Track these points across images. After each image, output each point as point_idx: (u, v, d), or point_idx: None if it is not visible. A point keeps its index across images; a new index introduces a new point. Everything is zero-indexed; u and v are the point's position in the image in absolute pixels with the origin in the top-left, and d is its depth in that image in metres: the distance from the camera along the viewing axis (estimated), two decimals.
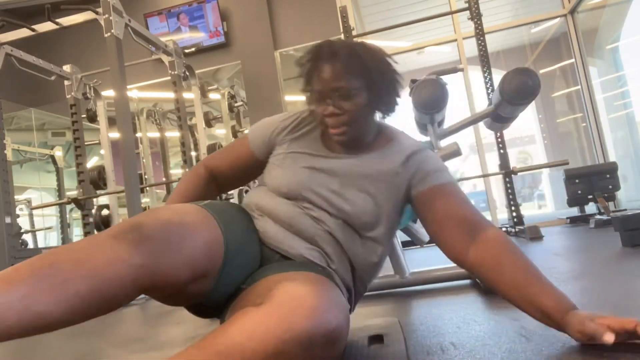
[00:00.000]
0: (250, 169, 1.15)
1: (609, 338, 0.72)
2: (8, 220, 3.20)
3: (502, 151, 3.78)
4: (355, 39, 4.08)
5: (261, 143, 1.11)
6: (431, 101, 2.35)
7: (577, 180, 4.04)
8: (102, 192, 4.02)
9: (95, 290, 0.68)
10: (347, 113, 0.97)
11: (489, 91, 3.77)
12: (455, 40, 5.01)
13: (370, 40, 6.82)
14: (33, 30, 3.34)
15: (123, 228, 0.77)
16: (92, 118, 4.27)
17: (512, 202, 3.77)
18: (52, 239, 6.06)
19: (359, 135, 1.01)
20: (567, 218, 4.35)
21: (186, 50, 5.21)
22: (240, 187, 2.85)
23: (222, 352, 0.71)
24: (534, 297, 0.84)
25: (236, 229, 0.95)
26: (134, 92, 5.60)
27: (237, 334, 0.72)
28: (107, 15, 3.01)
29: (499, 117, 2.82)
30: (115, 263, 0.71)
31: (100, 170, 4.02)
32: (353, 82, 0.96)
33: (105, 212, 3.96)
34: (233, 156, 1.15)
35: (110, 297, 0.71)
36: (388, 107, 1.03)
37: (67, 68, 3.97)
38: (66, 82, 3.98)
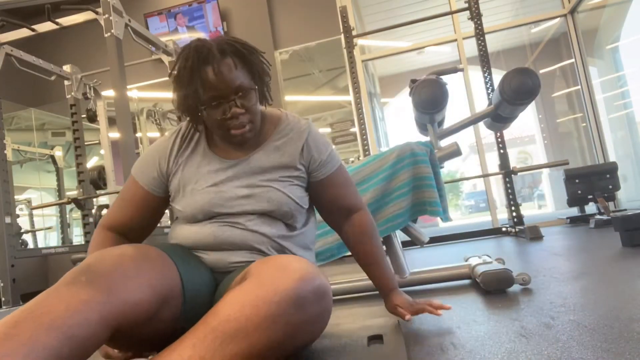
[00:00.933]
0: (155, 210, 1.09)
1: (408, 318, 1.06)
2: (8, 220, 3.20)
3: (502, 151, 3.78)
4: (355, 38, 4.08)
5: (153, 180, 1.06)
6: (431, 101, 2.35)
7: (577, 180, 4.04)
8: (102, 192, 4.02)
9: (63, 339, 0.65)
10: (248, 111, 0.97)
11: (489, 91, 3.77)
12: (455, 40, 5.01)
13: (370, 41, 6.78)
14: (33, 30, 3.34)
15: (74, 273, 0.76)
16: (92, 118, 4.26)
17: (512, 202, 3.77)
18: (52, 239, 6.06)
19: (257, 130, 1.04)
20: (567, 218, 4.34)
21: None
22: None
23: (217, 327, 0.72)
24: (373, 273, 1.15)
25: (181, 253, 0.97)
26: (134, 92, 5.60)
27: (229, 307, 0.74)
28: (107, 15, 3.01)
29: (499, 117, 2.82)
30: (76, 306, 0.69)
31: (100, 170, 4.02)
32: (247, 80, 0.97)
33: (105, 212, 3.96)
34: (131, 206, 1.06)
35: (82, 341, 0.67)
36: (269, 96, 1.06)
37: (67, 68, 3.97)
38: (66, 82, 3.98)
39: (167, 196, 1.08)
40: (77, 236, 5.92)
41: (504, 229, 3.92)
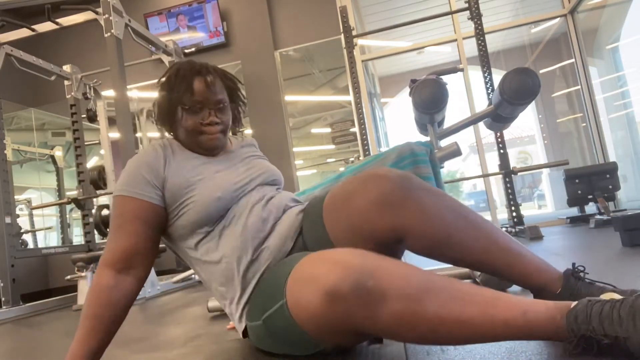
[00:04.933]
0: (157, 225, 1.04)
1: None
2: (8, 220, 3.20)
3: (502, 151, 3.78)
4: (355, 38, 4.08)
5: (150, 189, 1.02)
6: (431, 101, 2.36)
7: (577, 180, 4.04)
8: (102, 192, 4.02)
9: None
10: (222, 123, 1.11)
11: (489, 91, 3.77)
12: (455, 40, 5.01)
13: (370, 41, 6.75)
14: (33, 30, 3.34)
15: None
16: (92, 118, 4.26)
17: (512, 202, 3.77)
18: (52, 239, 6.06)
19: (224, 144, 1.17)
20: (567, 218, 4.34)
21: (186, 50, 5.21)
22: None
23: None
24: None
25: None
26: (134, 92, 5.60)
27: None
28: (107, 15, 3.01)
29: (499, 117, 2.82)
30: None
31: (100, 170, 4.02)
32: (226, 98, 1.13)
33: (105, 212, 3.96)
34: (131, 226, 1.00)
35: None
36: (241, 122, 1.24)
37: (67, 68, 3.97)
38: (66, 82, 3.98)
39: (165, 210, 1.04)
40: (77, 236, 5.92)
41: (504, 229, 3.92)
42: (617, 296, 0.73)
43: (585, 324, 0.66)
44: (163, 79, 1.11)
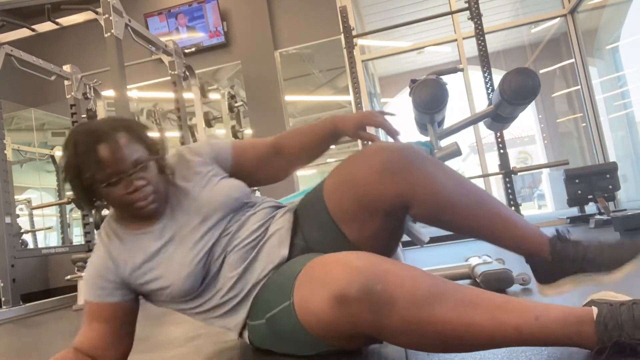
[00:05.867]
0: (132, 311, 1.04)
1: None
2: (8, 220, 3.20)
3: (502, 151, 3.78)
4: (355, 38, 4.08)
5: (113, 289, 0.99)
6: (431, 101, 2.35)
7: (577, 180, 4.04)
8: None
9: None
10: (150, 183, 0.96)
11: (489, 91, 3.77)
12: (455, 40, 5.01)
13: (370, 41, 6.75)
14: (33, 30, 3.34)
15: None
16: (92, 118, 4.26)
17: (512, 202, 3.77)
18: (52, 239, 6.06)
19: (163, 202, 1.01)
20: (567, 218, 4.34)
21: (186, 50, 5.21)
22: None
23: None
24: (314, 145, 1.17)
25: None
26: (134, 92, 5.60)
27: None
28: (107, 15, 3.01)
29: (499, 117, 2.82)
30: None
31: None
32: (144, 152, 0.96)
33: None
34: (99, 327, 0.99)
35: None
36: (169, 169, 1.03)
37: (67, 68, 3.97)
38: (66, 82, 3.98)
39: (137, 297, 1.04)
40: (77, 236, 5.92)
41: None
42: (620, 296, 0.73)
43: (618, 331, 0.66)
44: (63, 164, 0.94)
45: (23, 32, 3.35)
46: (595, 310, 0.69)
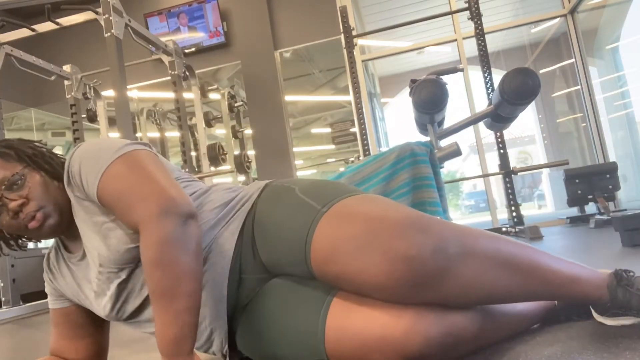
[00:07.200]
0: (86, 319, 1.00)
1: None
2: None
3: (502, 151, 3.78)
4: (355, 38, 4.08)
5: (58, 293, 0.99)
6: (431, 101, 2.36)
7: (577, 180, 4.04)
8: None
9: None
10: (30, 198, 0.84)
11: (489, 91, 3.77)
12: (455, 40, 5.01)
13: (370, 41, 6.76)
14: (33, 30, 3.34)
15: None
16: (92, 118, 4.27)
17: (512, 202, 3.77)
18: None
19: (57, 219, 0.87)
20: (567, 218, 4.35)
21: (186, 50, 5.21)
22: None
23: None
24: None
25: None
26: (134, 92, 5.60)
27: None
28: (107, 15, 3.01)
29: (499, 117, 2.83)
30: None
31: None
32: (12, 168, 0.85)
33: None
34: (60, 331, 0.99)
35: None
36: (59, 172, 0.89)
37: (67, 68, 3.97)
38: (66, 82, 3.98)
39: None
40: None
41: (504, 229, 3.92)
42: None
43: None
44: None
45: (23, 32, 3.35)
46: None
